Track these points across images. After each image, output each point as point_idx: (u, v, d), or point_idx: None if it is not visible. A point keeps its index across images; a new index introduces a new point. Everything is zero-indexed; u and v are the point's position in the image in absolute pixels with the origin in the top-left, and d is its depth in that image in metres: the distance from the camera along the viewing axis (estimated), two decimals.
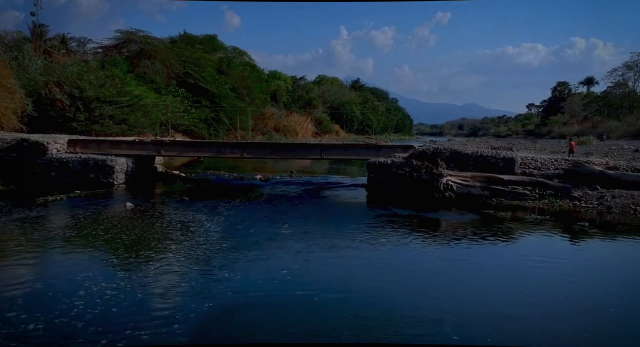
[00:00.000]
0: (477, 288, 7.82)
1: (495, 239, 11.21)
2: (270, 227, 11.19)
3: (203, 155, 19.56)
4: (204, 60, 41.20)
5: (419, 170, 16.89)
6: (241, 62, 49.71)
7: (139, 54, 36.47)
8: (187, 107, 36.84)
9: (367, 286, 7.62)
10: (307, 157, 19.47)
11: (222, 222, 11.44)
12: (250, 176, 21.46)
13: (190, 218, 12.02)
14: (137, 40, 36.66)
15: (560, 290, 7.70)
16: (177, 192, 16.98)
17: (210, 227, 10.89)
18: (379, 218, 13.26)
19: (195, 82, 39.25)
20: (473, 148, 18.99)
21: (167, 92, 36.50)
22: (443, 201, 16.16)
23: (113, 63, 33.43)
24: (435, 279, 8.26)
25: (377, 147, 19.66)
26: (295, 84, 75.54)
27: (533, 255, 10.00)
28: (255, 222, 11.78)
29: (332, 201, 16.34)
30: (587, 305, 7.18)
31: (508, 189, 16.58)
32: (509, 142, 63.94)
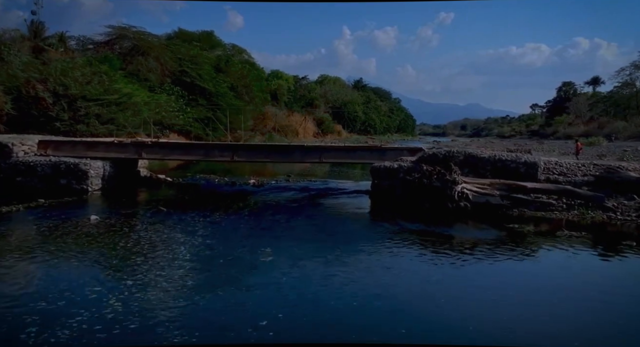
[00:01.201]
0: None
1: (531, 265, 9.12)
2: (253, 252, 8.89)
3: (188, 158, 17.48)
4: (201, 57, 39.04)
5: (430, 176, 14.75)
6: (240, 59, 47.54)
7: (131, 50, 34.35)
8: (181, 106, 34.74)
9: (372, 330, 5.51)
10: (304, 160, 17.37)
11: (196, 245, 9.21)
12: (243, 180, 19.34)
13: (160, 237, 9.87)
14: (130, 36, 34.55)
15: None
16: (157, 201, 14.86)
17: (178, 253, 8.68)
18: (385, 236, 11.09)
19: (191, 80, 37.11)
20: (490, 151, 16.80)
21: (161, 90, 34.39)
22: (457, 212, 14.02)
23: (104, 59, 31.34)
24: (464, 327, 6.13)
25: (382, 149, 17.52)
26: (297, 83, 73.42)
27: (585, 288, 7.91)
28: (236, 244, 9.53)
29: (330, 212, 14.15)
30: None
31: (530, 197, 14.42)
32: (514, 143, 61.75)
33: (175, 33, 44.40)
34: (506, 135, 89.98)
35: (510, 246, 10.40)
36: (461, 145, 65.02)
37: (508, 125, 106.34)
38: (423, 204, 14.59)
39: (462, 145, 60.89)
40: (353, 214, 13.88)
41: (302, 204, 15.01)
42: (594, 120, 69.27)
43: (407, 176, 15.43)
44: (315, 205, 15.04)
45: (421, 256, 9.53)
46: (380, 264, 8.67)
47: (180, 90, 35.58)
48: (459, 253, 9.84)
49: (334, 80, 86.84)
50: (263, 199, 15.60)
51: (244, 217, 12.35)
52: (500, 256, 9.66)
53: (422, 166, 15.11)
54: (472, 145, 63.31)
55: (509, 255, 9.78)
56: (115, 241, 9.55)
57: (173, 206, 13.74)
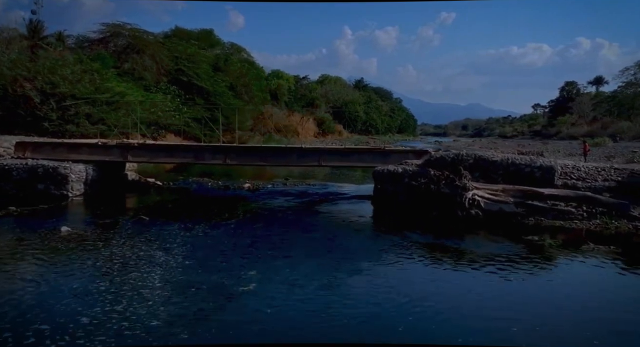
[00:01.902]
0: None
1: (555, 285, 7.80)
2: (235, 275, 7.44)
3: (176, 161, 16.20)
4: (198, 56, 37.69)
5: (438, 181, 13.45)
6: (239, 58, 46.19)
7: (126, 49, 33.04)
8: (178, 106, 33.44)
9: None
10: (301, 163, 16.07)
11: (171, 267, 7.79)
12: (237, 184, 18.05)
13: (134, 254, 8.56)
14: (125, 34, 33.25)
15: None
16: (141, 208, 13.60)
17: (148, 278, 7.28)
18: (390, 252, 9.76)
19: (188, 79, 35.80)
20: (501, 154, 15.47)
21: (157, 90, 33.09)
22: (468, 220, 12.73)
23: (97, 57, 30.05)
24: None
25: (385, 152, 16.22)
26: (297, 83, 72.09)
27: (614, 309, 6.68)
28: (217, 265, 8.10)
29: (329, 221, 12.80)
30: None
31: (547, 205, 13.11)
32: (519, 144, 60.39)
33: (172, 31, 43.06)
34: (508, 135, 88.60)
35: (530, 263, 9.11)
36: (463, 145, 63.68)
37: (510, 126, 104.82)
38: (430, 211, 13.31)
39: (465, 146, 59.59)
40: (354, 224, 12.55)
41: (299, 212, 13.71)
42: (598, 121, 67.92)
43: (412, 181, 14.13)
44: (313, 213, 13.74)
45: (432, 276, 8.24)
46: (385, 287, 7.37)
47: (177, 89, 34.30)
48: (473, 272, 8.55)
49: (334, 80, 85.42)
50: (257, 205, 14.30)
51: (233, 228, 10.95)
52: (519, 274, 8.39)
53: (429, 171, 13.80)
54: (475, 145, 61.99)
55: (529, 273, 8.52)
56: (82, 260, 8.25)
57: (157, 213, 12.46)
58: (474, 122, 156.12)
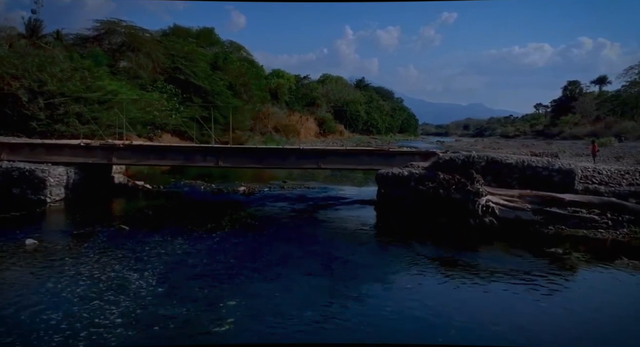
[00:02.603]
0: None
1: (592, 312, 6.55)
2: (212, 307, 6.15)
3: (165, 163, 14.97)
4: (196, 54, 36.39)
5: (448, 186, 12.19)
6: (238, 57, 44.92)
7: (121, 46, 31.80)
8: (175, 105, 32.19)
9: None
10: (300, 166, 14.81)
11: (141, 296, 6.44)
12: (232, 187, 16.81)
13: (103, 275, 7.29)
14: (120, 31, 32.01)
15: None
16: (124, 215, 12.38)
17: (114, 306, 6.05)
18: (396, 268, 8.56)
19: (185, 77, 34.49)
20: (516, 156, 14.19)
21: (153, 88, 31.83)
22: (481, 229, 11.48)
23: (90, 55, 28.81)
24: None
25: (389, 153, 14.96)
26: (298, 82, 70.80)
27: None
28: (194, 291, 6.75)
29: (328, 231, 11.48)
30: None
31: (568, 212, 11.85)
32: (523, 144, 59.03)
33: (171, 29, 41.82)
34: (510, 135, 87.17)
35: (557, 282, 7.88)
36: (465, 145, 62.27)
37: (512, 125, 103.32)
38: (439, 218, 12.06)
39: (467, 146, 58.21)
40: (356, 234, 11.27)
41: (295, 220, 12.44)
42: (601, 120, 66.60)
43: (419, 185, 12.89)
44: (311, 221, 12.48)
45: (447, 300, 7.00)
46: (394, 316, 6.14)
47: (174, 88, 33.02)
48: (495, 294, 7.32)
49: (336, 79, 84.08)
50: (250, 212, 13.03)
51: (219, 241, 9.61)
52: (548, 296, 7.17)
53: (437, 174, 12.55)
54: (477, 145, 60.59)
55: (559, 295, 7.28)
56: (39, 282, 7.01)
57: (139, 222, 11.22)
58: (476, 122, 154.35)
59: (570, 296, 7.38)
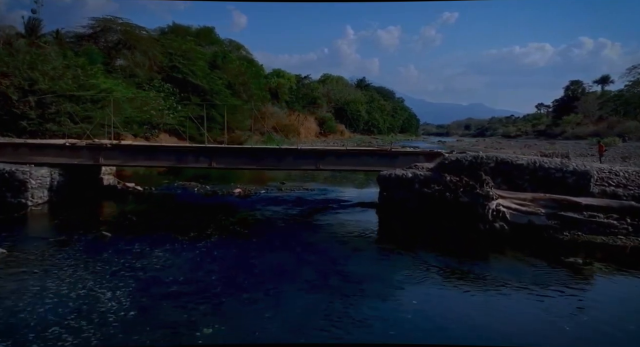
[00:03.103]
0: None
1: None
2: (192, 333, 5.37)
3: (155, 164, 14.10)
4: (194, 52, 35.52)
5: (455, 188, 11.31)
6: (238, 56, 44.04)
7: (117, 44, 30.94)
8: (172, 104, 31.35)
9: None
10: (297, 167, 13.93)
11: (111, 318, 5.61)
12: (227, 190, 15.95)
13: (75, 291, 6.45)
14: (116, 29, 31.15)
15: None
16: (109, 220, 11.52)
17: (77, 333, 5.25)
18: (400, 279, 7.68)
19: (183, 76, 33.65)
20: (527, 156, 13.29)
21: (150, 87, 30.97)
22: (491, 235, 10.61)
23: (85, 53, 27.96)
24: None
25: (391, 154, 14.08)
26: (299, 82, 69.90)
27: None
28: (171, 312, 5.91)
29: (327, 237, 10.58)
30: None
31: (584, 217, 10.96)
32: (525, 144, 58.08)
33: (170, 28, 40.96)
34: (512, 135, 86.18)
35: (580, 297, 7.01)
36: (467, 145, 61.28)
37: (513, 125, 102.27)
38: (445, 223, 11.19)
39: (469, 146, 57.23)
40: (357, 241, 10.39)
41: (292, 225, 11.57)
42: (604, 120, 65.71)
43: (424, 188, 12.01)
44: (309, 226, 11.60)
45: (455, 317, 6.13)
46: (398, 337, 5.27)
47: (171, 87, 32.17)
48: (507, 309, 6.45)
49: (336, 79, 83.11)
50: (244, 216, 12.14)
51: (207, 250, 8.70)
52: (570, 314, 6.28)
53: (444, 176, 11.67)
54: (479, 145, 59.60)
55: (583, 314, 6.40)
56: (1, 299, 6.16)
57: (122, 228, 10.35)
58: (477, 121, 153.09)
59: (596, 314, 6.51)
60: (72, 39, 30.83)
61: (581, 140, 57.03)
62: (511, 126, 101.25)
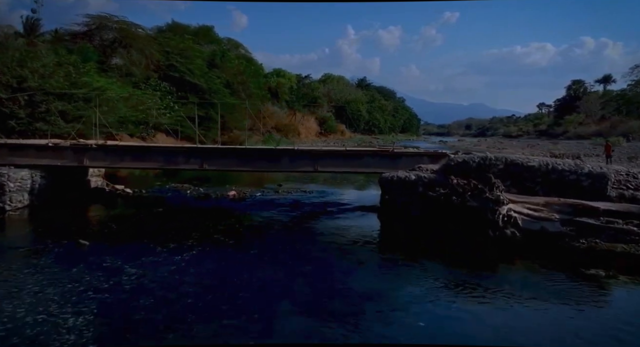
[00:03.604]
0: None
1: None
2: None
3: (143, 166, 13.24)
4: (192, 50, 34.65)
5: (462, 192, 10.45)
6: (237, 54, 43.17)
7: (113, 43, 30.09)
8: (169, 103, 30.49)
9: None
10: (294, 169, 13.09)
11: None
12: (221, 192, 15.12)
13: (38, 311, 5.63)
14: (112, 27, 30.33)
15: None
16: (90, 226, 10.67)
17: None
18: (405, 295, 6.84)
19: (180, 75, 32.77)
20: (539, 158, 12.40)
21: (147, 86, 30.12)
22: (501, 242, 9.75)
23: (79, 51, 27.11)
24: None
25: (393, 155, 13.23)
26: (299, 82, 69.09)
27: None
28: (151, 336, 5.17)
29: (325, 246, 9.70)
30: None
31: (601, 223, 10.09)
32: (528, 144, 57.20)
33: (168, 26, 40.11)
34: (513, 135, 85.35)
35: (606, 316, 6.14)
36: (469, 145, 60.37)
37: (514, 125, 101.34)
38: (451, 229, 10.34)
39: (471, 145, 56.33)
40: (357, 248, 9.54)
41: (288, 232, 10.72)
42: (606, 120, 64.88)
43: (428, 191, 11.17)
44: (305, 232, 10.75)
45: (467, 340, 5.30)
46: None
47: (168, 86, 31.30)
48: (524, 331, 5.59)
49: (337, 79, 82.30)
50: (236, 221, 11.30)
51: (189, 262, 7.81)
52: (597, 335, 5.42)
53: (450, 179, 10.81)
54: (481, 145, 58.69)
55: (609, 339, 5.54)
56: None
57: (103, 235, 9.52)
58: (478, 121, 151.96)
59: (632, 340, 5.66)
60: (68, 37, 29.96)
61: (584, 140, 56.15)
62: (512, 126, 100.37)
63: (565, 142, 55.87)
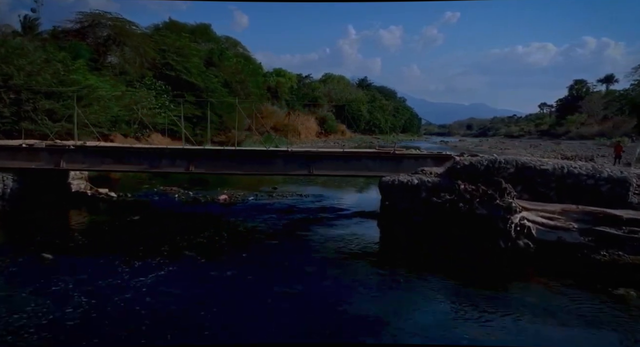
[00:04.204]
0: None
1: None
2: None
3: (124, 169, 12.19)
4: (188, 49, 33.65)
5: (470, 198, 9.43)
6: (235, 53, 42.15)
7: (107, 41, 29.10)
8: (164, 103, 29.50)
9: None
10: (287, 172, 12.07)
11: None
12: (211, 196, 14.14)
13: None
14: (105, 24, 29.34)
15: None
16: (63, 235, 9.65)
17: None
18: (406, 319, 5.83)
19: (176, 73, 31.78)
20: (553, 160, 11.35)
21: (141, 85, 29.13)
22: (514, 255, 8.74)
23: (71, 48, 26.12)
24: None
25: (395, 156, 12.20)
26: (300, 82, 68.08)
27: None
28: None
29: (320, 258, 8.70)
30: None
31: (624, 232, 9.07)
32: (531, 144, 56.08)
33: (165, 24, 39.11)
34: (515, 135, 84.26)
35: None
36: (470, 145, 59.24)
37: (515, 125, 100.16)
38: (458, 239, 9.33)
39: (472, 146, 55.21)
40: (355, 262, 8.55)
41: (279, 241, 9.70)
42: (609, 120, 63.75)
43: (432, 197, 10.15)
44: (299, 242, 9.73)
45: None
46: None
47: (164, 85, 30.29)
48: None
49: (338, 79, 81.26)
50: (226, 229, 10.28)
51: (164, 279, 6.82)
52: None
53: (457, 184, 9.79)
54: (483, 145, 57.55)
55: None
56: None
57: (72, 247, 8.51)
58: (479, 121, 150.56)
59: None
60: (60, 35, 28.96)
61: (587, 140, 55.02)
62: (513, 126, 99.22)
63: (567, 142, 54.76)
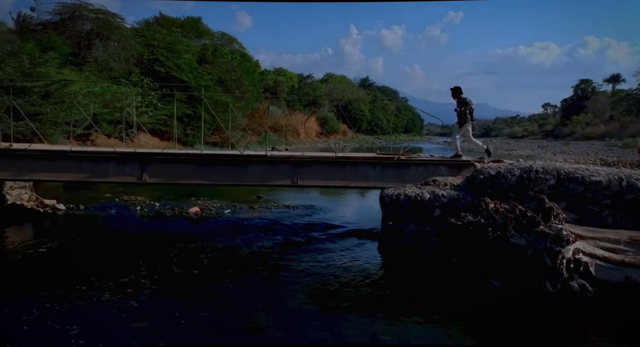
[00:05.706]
0: None
1: None
2: None
3: (61, 178, 9.62)
4: (179, 44, 31.20)
5: (503, 224, 6.89)
6: (230, 49, 39.68)
7: (89, 34, 26.66)
8: (151, 101, 27.11)
9: None
10: (265, 182, 9.50)
11: None
12: (181, 207, 11.68)
13: None
14: (87, 16, 26.91)
15: None
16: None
17: None
18: None
19: (166, 70, 29.38)
20: (606, 169, 8.76)
21: (127, 82, 26.70)
22: (565, 302, 6.23)
23: (47, 43, 23.70)
24: None
25: (400, 163, 9.66)
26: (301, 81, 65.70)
27: None
28: None
29: (300, 298, 6.21)
30: None
31: None
32: (539, 145, 53.33)
33: (155, 19, 36.69)
34: (518, 135, 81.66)
35: None
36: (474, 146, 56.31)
37: (519, 126, 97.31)
38: (486, 276, 6.82)
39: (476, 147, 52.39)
40: (348, 306, 6.02)
41: (255, 275, 7.16)
42: (615, 120, 61.18)
43: (450, 217, 7.62)
44: (278, 275, 7.19)
45: None
46: None
47: (151, 81, 27.88)
48: None
49: (339, 78, 78.90)
50: (189, 255, 7.79)
51: (116, 318, 4.44)
52: None
53: (484, 202, 7.24)
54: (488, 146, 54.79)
55: None
56: None
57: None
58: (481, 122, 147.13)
59: None
60: (37, 27, 26.53)
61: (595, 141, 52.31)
62: (517, 126, 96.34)
63: (575, 143, 52.06)
